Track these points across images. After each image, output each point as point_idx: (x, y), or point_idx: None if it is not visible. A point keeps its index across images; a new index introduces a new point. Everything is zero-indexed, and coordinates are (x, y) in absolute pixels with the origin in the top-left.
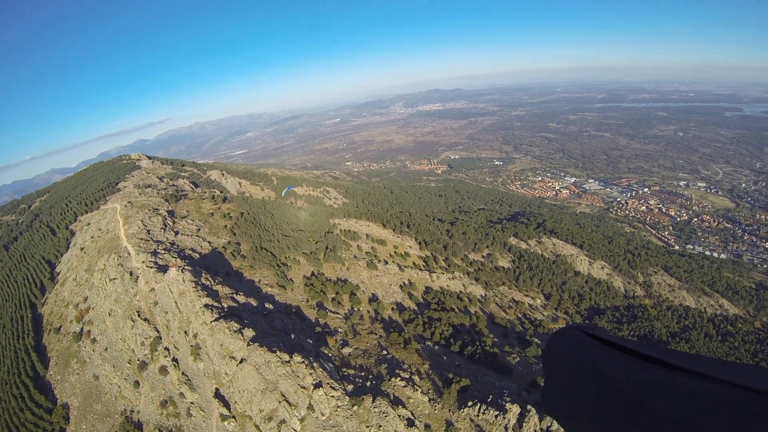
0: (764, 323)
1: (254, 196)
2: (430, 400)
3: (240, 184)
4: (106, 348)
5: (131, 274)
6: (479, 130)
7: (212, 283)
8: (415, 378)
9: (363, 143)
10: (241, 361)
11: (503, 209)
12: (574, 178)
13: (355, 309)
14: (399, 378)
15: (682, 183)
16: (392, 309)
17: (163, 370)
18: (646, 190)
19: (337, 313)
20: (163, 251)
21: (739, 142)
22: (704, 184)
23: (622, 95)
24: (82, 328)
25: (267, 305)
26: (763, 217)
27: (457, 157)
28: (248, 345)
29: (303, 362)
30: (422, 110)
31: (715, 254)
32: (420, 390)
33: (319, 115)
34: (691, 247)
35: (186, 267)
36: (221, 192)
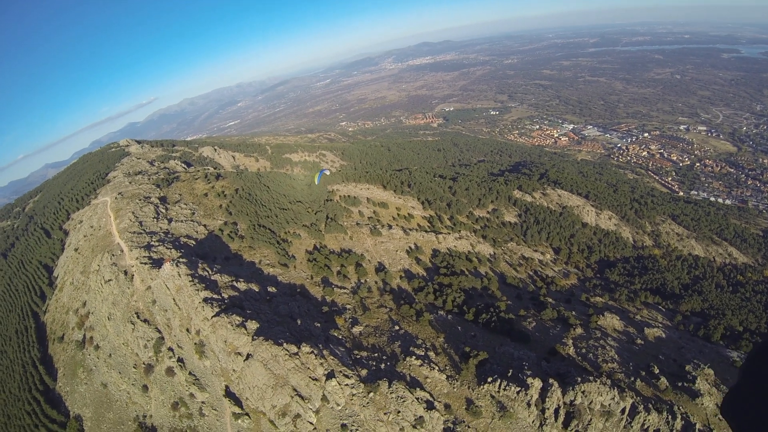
0: None
1: (249, 169)
2: (448, 377)
3: (234, 157)
4: (110, 354)
5: (126, 273)
6: (472, 80)
7: (210, 272)
8: (431, 354)
9: (356, 102)
10: (248, 357)
11: (503, 160)
12: (573, 125)
13: (362, 281)
14: (414, 356)
15: (682, 127)
16: (400, 277)
17: (170, 371)
18: (646, 135)
19: (344, 288)
20: (157, 243)
21: (738, 85)
22: (705, 128)
23: (615, 39)
24: (84, 335)
25: (270, 289)
26: (766, 161)
27: (451, 109)
28: (253, 339)
29: (312, 352)
30: (413, 64)
31: (720, 200)
32: (437, 368)
33: (308, 78)
34: (696, 193)
35: (181, 259)
36: (215, 168)
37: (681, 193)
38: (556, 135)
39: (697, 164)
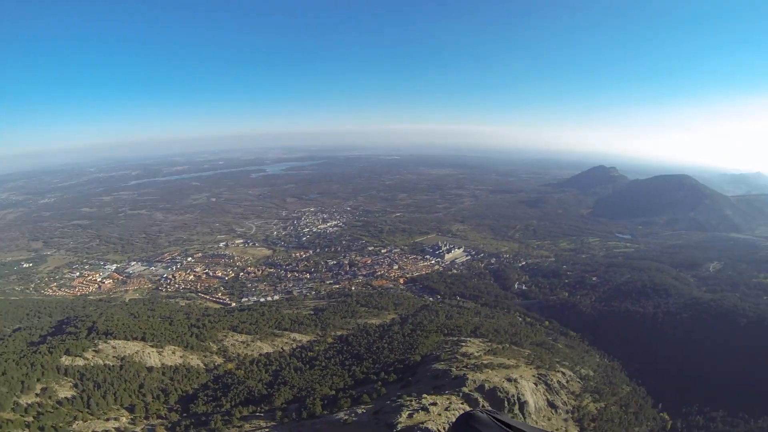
0: (335, 337)
1: None
2: None
3: None
4: None
5: None
6: (1, 227)
7: None
8: None
9: None
10: None
11: (44, 322)
12: (116, 265)
13: None
14: None
15: (222, 244)
16: None
17: None
18: (190, 259)
19: None
20: None
21: (265, 198)
22: (242, 240)
23: (156, 170)
24: None
25: None
26: (297, 254)
27: None
28: None
29: None
30: None
31: (270, 298)
32: None
33: None
34: (247, 299)
35: None
36: None
37: (234, 304)
38: (99, 279)
39: (242, 273)
